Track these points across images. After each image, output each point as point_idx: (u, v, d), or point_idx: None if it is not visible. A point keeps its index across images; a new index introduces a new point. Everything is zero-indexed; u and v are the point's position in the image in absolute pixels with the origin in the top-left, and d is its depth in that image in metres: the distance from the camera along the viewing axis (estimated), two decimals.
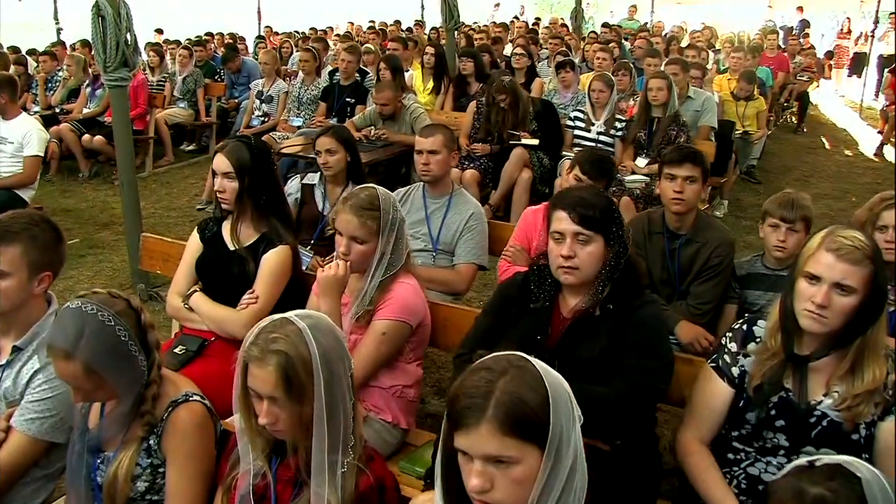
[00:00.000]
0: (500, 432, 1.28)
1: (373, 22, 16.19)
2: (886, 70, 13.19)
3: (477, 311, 2.89)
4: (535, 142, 5.72)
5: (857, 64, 15.74)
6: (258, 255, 2.81)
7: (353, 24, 17.63)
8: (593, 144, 5.88)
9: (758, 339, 2.09)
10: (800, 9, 17.80)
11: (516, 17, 18.76)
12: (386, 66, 6.71)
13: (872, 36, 13.54)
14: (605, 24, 14.60)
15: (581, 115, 6.07)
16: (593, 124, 5.96)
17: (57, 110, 8.43)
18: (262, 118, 7.78)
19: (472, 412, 1.30)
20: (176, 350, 2.78)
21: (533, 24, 15.57)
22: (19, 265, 2.06)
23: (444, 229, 3.53)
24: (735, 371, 2.09)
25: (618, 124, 5.89)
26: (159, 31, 14.42)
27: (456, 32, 8.80)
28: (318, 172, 3.89)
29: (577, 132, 6.06)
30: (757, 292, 3.08)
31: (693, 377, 2.36)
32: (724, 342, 2.15)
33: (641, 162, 5.61)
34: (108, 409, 1.88)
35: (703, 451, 2.12)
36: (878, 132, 10.77)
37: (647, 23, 15.22)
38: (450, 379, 3.04)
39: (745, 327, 2.13)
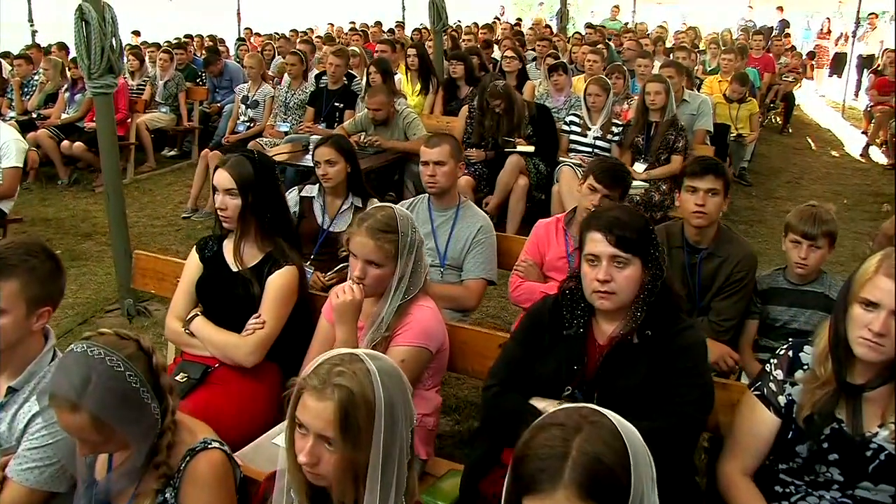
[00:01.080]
0: (577, 498, 1.15)
1: (353, 23, 15.97)
2: (867, 70, 13.33)
3: (490, 331, 2.78)
4: (531, 149, 5.59)
5: (837, 64, 15.91)
6: (263, 276, 2.65)
7: (332, 25, 17.39)
8: (590, 150, 5.78)
9: (805, 367, 1.97)
10: (780, 9, 17.91)
11: (497, 18, 18.68)
12: (376, 69, 6.56)
13: (854, 36, 13.62)
14: (588, 25, 14.54)
15: (577, 120, 5.94)
16: (590, 129, 5.85)
17: (34, 115, 8.16)
18: (248, 123, 7.54)
19: (547, 476, 1.17)
20: (177, 378, 2.61)
21: (515, 25, 15.49)
22: (17, 301, 1.87)
23: (451, 243, 3.39)
24: (782, 400, 1.98)
25: (615, 129, 5.78)
26: (136, 34, 14.11)
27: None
28: (317, 184, 3.72)
29: (572, 137, 5.94)
30: (779, 307, 2.98)
31: (726, 402, 2.26)
32: (768, 369, 2.04)
33: (639, 167, 5.50)
34: (118, 459, 1.72)
35: (748, 484, 2.01)
36: (863, 132, 10.82)
37: (628, 23, 15.18)
38: (479, 412, 2.89)
39: (790, 353, 2.01)
